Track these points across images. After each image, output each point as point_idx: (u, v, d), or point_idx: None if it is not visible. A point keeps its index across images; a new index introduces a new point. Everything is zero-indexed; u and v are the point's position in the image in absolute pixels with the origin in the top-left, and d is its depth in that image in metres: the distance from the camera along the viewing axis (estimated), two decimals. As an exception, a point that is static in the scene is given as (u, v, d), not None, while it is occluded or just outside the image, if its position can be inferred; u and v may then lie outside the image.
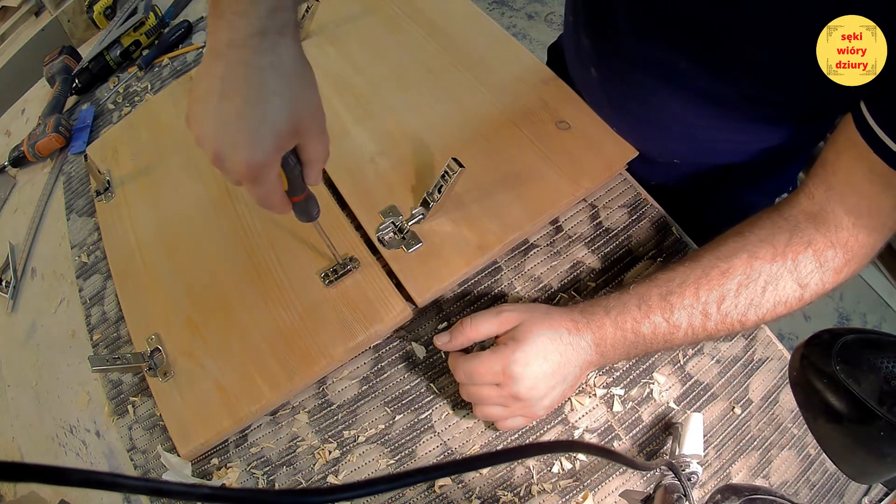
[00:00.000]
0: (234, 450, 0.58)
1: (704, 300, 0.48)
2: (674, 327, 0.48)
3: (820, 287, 0.47)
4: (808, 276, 0.47)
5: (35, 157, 0.86)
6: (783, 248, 0.47)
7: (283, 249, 0.65)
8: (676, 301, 0.48)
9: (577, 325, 0.49)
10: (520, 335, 0.49)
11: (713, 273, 0.48)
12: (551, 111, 0.68)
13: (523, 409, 0.50)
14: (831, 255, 0.47)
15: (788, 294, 0.47)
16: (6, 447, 0.67)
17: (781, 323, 0.50)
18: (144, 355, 0.60)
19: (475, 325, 0.51)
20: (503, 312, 0.51)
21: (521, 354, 0.48)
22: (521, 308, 0.51)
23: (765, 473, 0.53)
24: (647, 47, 0.57)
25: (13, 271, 0.77)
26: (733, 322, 0.48)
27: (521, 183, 0.63)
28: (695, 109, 0.59)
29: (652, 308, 0.48)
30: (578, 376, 0.51)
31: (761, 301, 0.47)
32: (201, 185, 0.72)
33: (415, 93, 0.73)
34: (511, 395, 0.49)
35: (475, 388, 0.51)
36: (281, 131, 0.40)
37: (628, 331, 0.49)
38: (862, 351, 0.35)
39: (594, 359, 0.50)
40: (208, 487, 0.20)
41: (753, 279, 0.47)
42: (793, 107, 0.54)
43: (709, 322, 0.48)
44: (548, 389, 0.49)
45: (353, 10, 0.83)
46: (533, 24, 2.15)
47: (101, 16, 0.99)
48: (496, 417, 0.52)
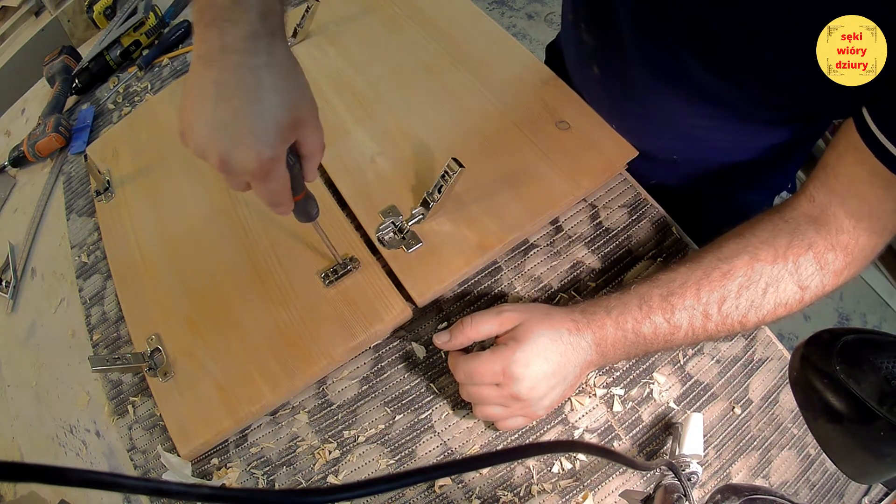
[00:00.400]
0: (234, 450, 0.58)
1: (705, 301, 0.48)
2: (674, 328, 0.48)
3: (820, 289, 0.48)
4: (808, 279, 0.47)
5: (35, 157, 0.86)
6: (784, 250, 0.47)
7: (284, 249, 0.65)
8: (678, 302, 0.48)
9: (577, 325, 0.49)
10: (520, 335, 0.49)
11: (714, 274, 0.48)
12: (551, 111, 0.68)
13: (523, 409, 0.50)
14: (832, 257, 0.47)
15: (789, 296, 0.48)
16: (6, 447, 0.67)
17: (781, 323, 0.50)
18: (144, 355, 0.60)
19: (475, 324, 0.51)
20: (504, 312, 0.51)
21: (521, 354, 0.48)
22: (522, 308, 0.51)
23: (765, 473, 0.53)
24: (650, 45, 0.57)
25: (13, 271, 0.77)
26: (734, 323, 0.48)
27: (521, 183, 0.63)
28: (696, 108, 0.59)
29: (653, 308, 0.48)
30: (578, 376, 0.51)
31: (762, 302, 0.48)
32: (201, 185, 0.72)
33: (415, 93, 0.73)
34: (511, 396, 0.49)
35: (475, 389, 0.51)
36: (283, 124, 0.41)
37: (629, 331, 0.49)
38: (862, 351, 0.35)
39: (594, 358, 0.50)
40: (208, 487, 0.20)
41: (754, 281, 0.47)
42: (793, 106, 0.54)
43: (709, 323, 0.48)
44: (548, 389, 0.49)
45: (353, 10, 0.83)
46: (533, 24, 2.15)
47: (101, 16, 0.99)
48: (496, 417, 0.52)
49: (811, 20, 0.41)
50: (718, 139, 0.63)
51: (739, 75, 0.51)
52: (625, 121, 0.66)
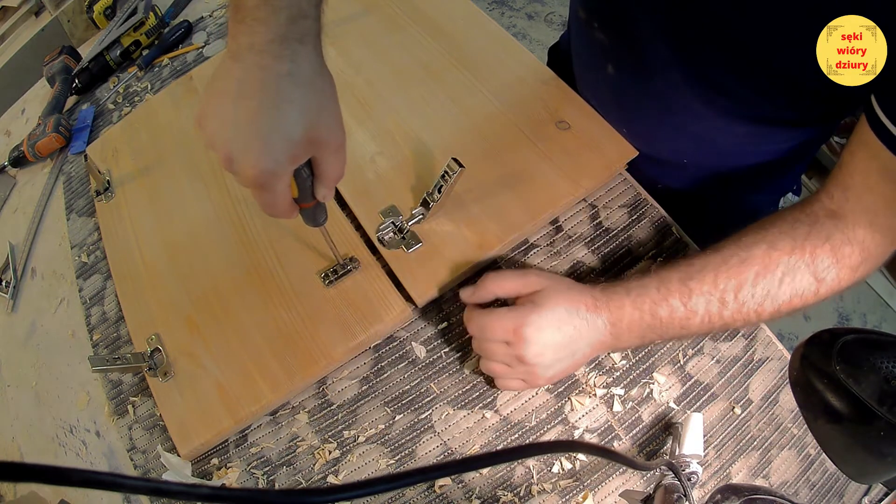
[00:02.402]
0: (234, 450, 0.58)
1: (723, 288, 0.48)
2: (691, 312, 0.48)
3: (836, 283, 0.47)
4: (824, 271, 0.47)
5: (35, 157, 0.86)
6: (802, 242, 0.47)
7: (284, 250, 0.65)
8: (695, 286, 0.48)
9: (595, 303, 0.50)
10: (540, 300, 0.50)
11: (732, 261, 0.48)
12: (551, 111, 0.68)
13: (526, 373, 0.51)
14: (848, 251, 0.47)
15: (805, 287, 0.47)
16: (6, 447, 0.67)
17: (781, 323, 0.50)
18: (144, 355, 0.60)
19: (499, 279, 0.52)
20: (529, 275, 0.52)
21: (535, 317, 0.49)
22: (547, 275, 0.53)
23: (765, 473, 0.53)
24: (670, 44, 0.56)
25: (13, 271, 0.77)
26: (749, 312, 0.48)
27: (521, 183, 0.63)
28: (713, 108, 0.59)
29: (671, 291, 0.49)
30: (588, 354, 0.51)
31: (778, 292, 0.47)
32: (201, 184, 0.72)
33: (415, 93, 0.73)
34: (517, 356, 0.50)
35: (486, 343, 0.52)
36: (294, 141, 0.40)
37: (646, 312, 0.49)
38: (862, 351, 0.35)
39: (607, 339, 0.51)
40: (208, 487, 0.20)
41: (771, 270, 0.47)
42: (813, 107, 0.54)
43: (725, 310, 0.48)
44: (554, 360, 0.50)
45: (353, 10, 0.83)
46: (533, 24, 2.15)
47: (101, 16, 0.99)
48: (498, 374, 0.53)
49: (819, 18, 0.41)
50: (731, 141, 0.63)
51: (762, 77, 0.51)
52: (636, 123, 0.66)
